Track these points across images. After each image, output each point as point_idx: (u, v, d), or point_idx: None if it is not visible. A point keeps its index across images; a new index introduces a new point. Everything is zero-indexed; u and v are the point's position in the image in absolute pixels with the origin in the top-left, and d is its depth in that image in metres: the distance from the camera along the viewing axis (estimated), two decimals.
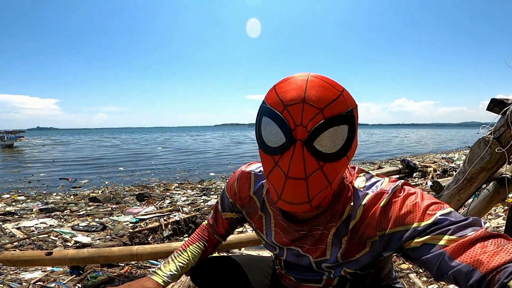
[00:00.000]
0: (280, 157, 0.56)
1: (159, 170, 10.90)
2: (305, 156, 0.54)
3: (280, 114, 0.55)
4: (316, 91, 0.54)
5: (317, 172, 0.55)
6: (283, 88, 0.56)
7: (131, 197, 5.21)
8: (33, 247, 2.57)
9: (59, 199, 5.45)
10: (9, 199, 5.49)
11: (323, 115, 0.53)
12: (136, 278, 1.93)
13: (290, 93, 0.55)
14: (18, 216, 3.84)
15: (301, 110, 0.54)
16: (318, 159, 0.55)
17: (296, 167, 0.54)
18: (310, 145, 0.54)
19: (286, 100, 0.55)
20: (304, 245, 0.72)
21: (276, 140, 0.56)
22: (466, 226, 0.51)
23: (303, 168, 0.55)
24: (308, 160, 0.55)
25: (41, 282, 1.91)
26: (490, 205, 1.94)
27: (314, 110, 0.53)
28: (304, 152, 0.54)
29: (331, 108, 0.54)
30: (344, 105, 0.55)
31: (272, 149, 0.57)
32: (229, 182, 0.88)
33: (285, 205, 0.58)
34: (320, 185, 0.57)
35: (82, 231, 3.03)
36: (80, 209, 4.29)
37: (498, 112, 1.63)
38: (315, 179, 0.56)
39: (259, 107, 0.61)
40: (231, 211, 0.89)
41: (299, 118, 0.54)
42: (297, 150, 0.54)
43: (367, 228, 0.62)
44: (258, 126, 0.60)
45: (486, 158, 1.65)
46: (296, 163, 0.54)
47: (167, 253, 1.94)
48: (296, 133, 0.54)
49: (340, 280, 0.72)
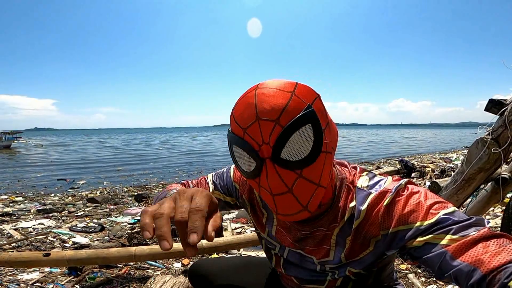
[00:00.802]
0: (259, 179, 0.57)
1: (157, 171, 10.89)
2: (278, 172, 0.54)
3: (243, 139, 0.55)
4: (266, 103, 0.52)
5: (298, 180, 0.55)
6: (238, 111, 0.56)
7: (129, 198, 5.19)
8: (31, 248, 2.55)
9: (57, 200, 5.43)
10: (6, 200, 5.46)
11: (280, 125, 0.52)
12: (135, 279, 1.93)
13: (244, 115, 0.54)
14: (16, 217, 3.82)
15: (258, 128, 0.53)
16: (293, 169, 0.54)
17: (275, 184, 0.54)
18: (278, 159, 0.53)
19: (243, 123, 0.54)
20: (306, 247, 0.71)
21: (249, 165, 0.56)
22: (469, 225, 0.51)
23: (282, 183, 0.54)
24: (284, 174, 0.54)
25: (39, 283, 1.90)
26: (488, 205, 1.95)
27: (269, 123, 0.52)
28: (276, 168, 0.54)
29: (285, 114, 0.52)
30: (299, 105, 0.53)
31: (249, 174, 0.58)
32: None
33: (284, 218, 0.58)
34: (307, 191, 0.56)
35: (80, 232, 3.02)
36: (78, 210, 4.28)
37: (496, 113, 1.63)
38: (299, 187, 0.55)
39: (227, 137, 0.60)
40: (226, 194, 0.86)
41: (259, 137, 0.53)
42: (269, 168, 0.54)
43: (371, 227, 0.62)
44: (232, 155, 0.60)
45: (484, 158, 1.66)
46: (272, 180, 0.54)
47: (166, 254, 1.93)
48: (263, 153, 0.54)
49: (343, 281, 0.72)
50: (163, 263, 2.20)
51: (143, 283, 1.82)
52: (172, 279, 1.64)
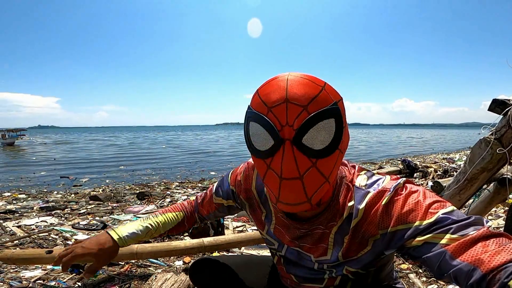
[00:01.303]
0: (271, 160, 0.56)
1: (160, 169, 10.91)
2: (295, 155, 0.54)
3: (265, 117, 0.55)
4: (298, 89, 0.54)
5: (311, 169, 0.55)
6: (265, 91, 0.56)
7: (131, 196, 5.21)
8: (33, 246, 2.57)
9: (60, 197, 5.46)
10: (10, 197, 5.50)
11: (307, 112, 0.53)
12: (136, 277, 1.94)
13: (272, 95, 0.55)
14: (19, 214, 3.84)
15: (285, 110, 0.53)
16: (309, 157, 0.55)
17: (289, 168, 0.54)
18: (299, 143, 0.54)
19: (269, 102, 0.55)
20: (304, 245, 0.72)
21: (265, 143, 0.56)
22: (468, 225, 0.51)
23: (295, 167, 0.54)
24: (300, 159, 0.54)
25: (41, 281, 1.91)
26: (491, 205, 1.94)
27: (298, 108, 0.53)
28: (294, 151, 0.54)
29: (314, 103, 0.53)
30: (327, 99, 0.55)
31: (262, 153, 0.57)
32: (234, 171, 0.88)
33: (284, 206, 0.58)
34: (316, 182, 0.56)
35: (83, 229, 3.03)
36: (81, 207, 4.30)
37: (500, 113, 1.62)
38: (310, 176, 0.55)
39: (245, 113, 0.60)
40: (226, 198, 0.89)
41: (284, 118, 0.54)
42: (286, 150, 0.54)
43: (369, 227, 0.62)
44: (246, 132, 0.60)
45: (487, 158, 1.65)
46: (287, 163, 0.54)
47: (167, 252, 1.94)
48: (284, 133, 0.54)
49: (341, 279, 0.72)
50: (164, 261, 2.21)
51: (144, 281, 1.83)
52: (173, 277, 1.65)
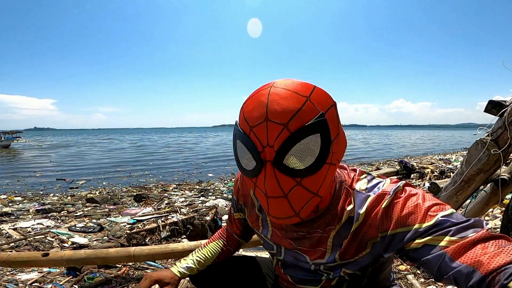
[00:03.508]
0: (256, 179, 0.56)
1: (157, 171, 10.88)
2: (277, 177, 0.52)
3: (248, 137, 0.54)
4: (278, 105, 0.51)
5: (295, 188, 0.54)
6: (248, 107, 0.54)
7: (128, 198, 5.19)
8: (29, 248, 2.55)
9: (56, 200, 5.42)
10: (5, 199, 5.45)
11: (288, 130, 0.50)
12: (134, 280, 1.92)
13: (253, 112, 0.53)
14: (15, 217, 3.81)
15: (265, 129, 0.51)
16: (293, 177, 0.53)
17: (271, 188, 0.53)
18: (280, 164, 0.52)
19: (251, 121, 0.53)
20: (301, 247, 0.72)
21: (249, 163, 0.55)
22: (467, 227, 0.51)
23: (279, 188, 0.53)
24: (282, 180, 0.53)
25: (37, 283, 1.89)
26: (488, 206, 1.95)
27: (278, 126, 0.50)
28: (276, 172, 0.52)
29: (296, 120, 0.50)
30: (312, 112, 0.51)
31: (248, 172, 0.57)
32: (236, 180, 0.89)
33: (275, 220, 0.58)
34: (303, 199, 0.55)
35: (79, 232, 3.01)
36: (77, 210, 4.27)
37: (496, 114, 1.63)
38: (295, 194, 0.54)
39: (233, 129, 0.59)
40: (238, 211, 0.90)
41: (265, 139, 0.51)
42: (268, 171, 0.52)
43: (369, 230, 0.62)
44: (235, 149, 0.59)
45: (484, 159, 1.66)
46: (270, 184, 0.53)
47: (165, 254, 1.93)
48: (265, 155, 0.52)
49: (337, 281, 0.72)
50: (162, 263, 2.20)
51: None
52: None
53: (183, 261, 0.93)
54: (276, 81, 0.55)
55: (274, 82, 0.54)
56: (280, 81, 0.54)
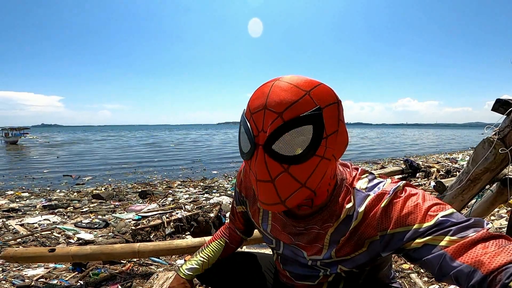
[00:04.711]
0: (250, 162, 0.59)
1: (162, 168, 10.94)
2: (266, 160, 0.56)
3: (248, 122, 0.58)
4: (277, 96, 0.55)
5: (282, 174, 0.56)
6: (253, 96, 0.59)
7: (133, 195, 5.23)
8: (36, 244, 2.59)
9: (63, 196, 5.49)
10: (13, 195, 5.54)
11: (282, 119, 0.54)
12: (138, 275, 1.94)
13: (256, 101, 0.57)
14: (22, 213, 3.86)
15: (262, 116, 0.55)
16: (280, 162, 0.56)
17: (260, 171, 0.56)
18: (269, 148, 0.55)
19: (252, 108, 0.58)
20: (299, 242, 0.73)
21: (246, 146, 0.60)
22: (468, 227, 0.51)
23: (266, 171, 0.56)
24: (270, 164, 0.56)
25: (43, 279, 1.92)
26: (493, 206, 1.93)
27: (273, 114, 0.54)
28: (265, 156, 0.56)
29: (291, 110, 0.54)
30: (308, 104, 0.54)
31: (244, 155, 0.61)
32: (239, 172, 0.90)
33: (262, 205, 0.60)
34: (289, 187, 0.57)
35: (85, 228, 3.05)
36: (83, 206, 4.32)
37: (503, 113, 1.61)
38: (282, 181, 0.56)
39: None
40: (240, 204, 0.90)
41: (261, 124, 0.56)
42: (259, 155, 0.56)
43: (367, 229, 0.62)
44: (238, 134, 0.64)
45: (490, 158, 1.64)
46: (259, 167, 0.56)
47: (169, 251, 1.95)
48: (258, 139, 0.56)
49: (334, 278, 0.73)
50: (166, 259, 2.22)
51: (146, 279, 1.83)
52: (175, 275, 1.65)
53: (188, 263, 0.95)
54: (283, 76, 0.58)
55: (281, 77, 0.58)
56: (287, 76, 0.58)
